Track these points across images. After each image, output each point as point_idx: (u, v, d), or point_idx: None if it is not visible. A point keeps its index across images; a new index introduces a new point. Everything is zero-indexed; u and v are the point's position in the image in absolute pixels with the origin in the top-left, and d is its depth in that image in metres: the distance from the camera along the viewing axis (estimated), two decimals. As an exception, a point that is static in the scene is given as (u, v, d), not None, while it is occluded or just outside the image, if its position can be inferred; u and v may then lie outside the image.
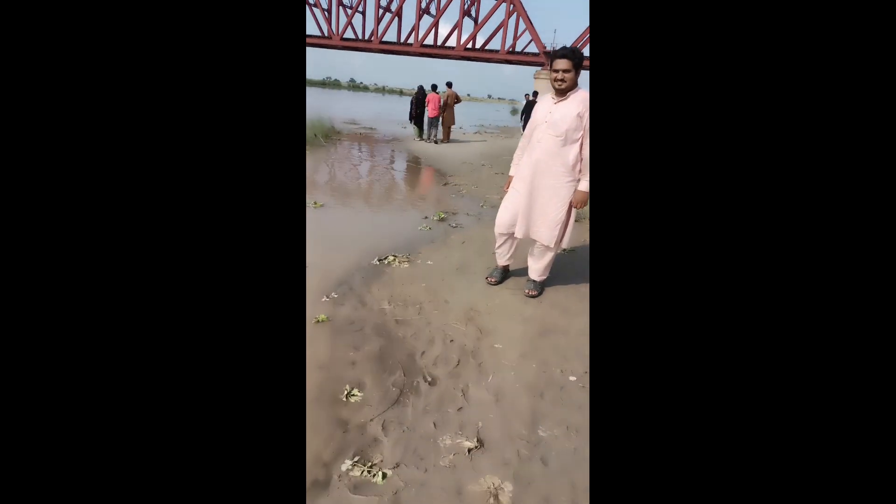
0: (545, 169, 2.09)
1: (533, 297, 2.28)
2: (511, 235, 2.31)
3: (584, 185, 2.08)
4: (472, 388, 1.57)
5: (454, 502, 1.12)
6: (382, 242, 3.05)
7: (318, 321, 1.93)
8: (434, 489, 1.16)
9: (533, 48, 36.15)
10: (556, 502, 1.13)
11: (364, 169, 6.12)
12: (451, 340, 1.87)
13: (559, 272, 2.60)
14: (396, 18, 37.15)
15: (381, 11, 36.04)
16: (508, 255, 2.42)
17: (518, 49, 36.65)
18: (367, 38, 36.78)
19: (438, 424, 1.39)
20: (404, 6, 36.69)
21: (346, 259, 2.66)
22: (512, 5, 35.13)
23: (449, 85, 9.55)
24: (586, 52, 3.48)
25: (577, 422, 1.42)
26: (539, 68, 36.19)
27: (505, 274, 2.50)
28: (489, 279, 2.45)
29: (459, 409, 1.47)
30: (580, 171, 2.07)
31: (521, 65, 37.38)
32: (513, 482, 1.19)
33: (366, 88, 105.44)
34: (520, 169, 2.23)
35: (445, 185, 5.35)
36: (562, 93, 2.03)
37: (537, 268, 2.30)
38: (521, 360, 1.76)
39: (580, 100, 2.00)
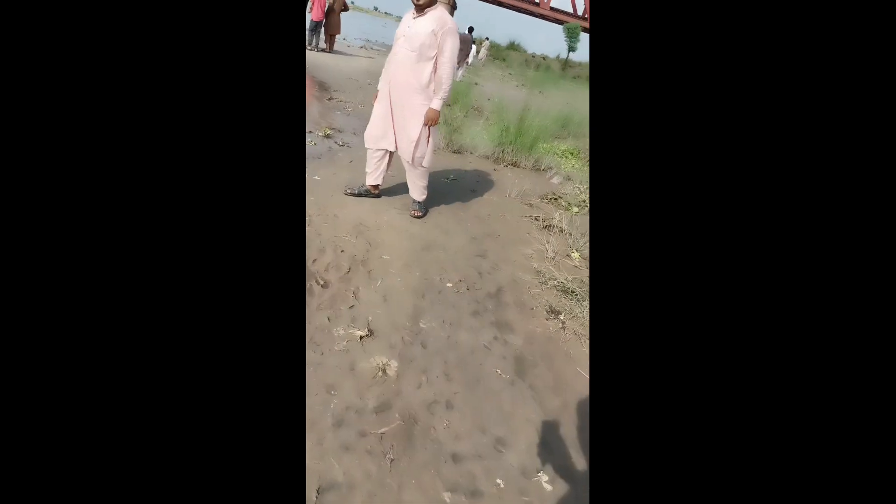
0: (401, 83, 2.18)
1: (418, 217, 2.46)
2: (383, 151, 2.38)
3: (436, 104, 2.19)
4: (362, 291, 1.74)
5: (348, 377, 1.32)
6: (264, 152, 2.88)
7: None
8: (330, 367, 1.34)
9: (427, -36, 33.74)
10: (432, 373, 1.41)
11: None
12: (342, 251, 1.98)
13: (442, 197, 2.83)
14: None
15: None
16: (377, 174, 2.45)
17: (411, -39, 33.85)
18: None
19: (332, 319, 1.54)
20: None
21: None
22: None
23: (336, -14, 8.62)
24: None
25: (451, 317, 1.71)
26: (432, -12, 34.19)
27: (367, 193, 2.53)
28: (347, 189, 2.51)
29: (351, 306, 1.63)
30: (434, 90, 2.18)
31: (413, -20, 34.82)
32: (398, 360, 1.43)
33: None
34: (382, 82, 2.29)
35: (330, 99, 5.07)
36: (420, 9, 2.10)
37: (416, 187, 2.44)
38: (405, 268, 1.97)
39: (436, 17, 2.09)
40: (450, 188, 3.09)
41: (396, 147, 2.34)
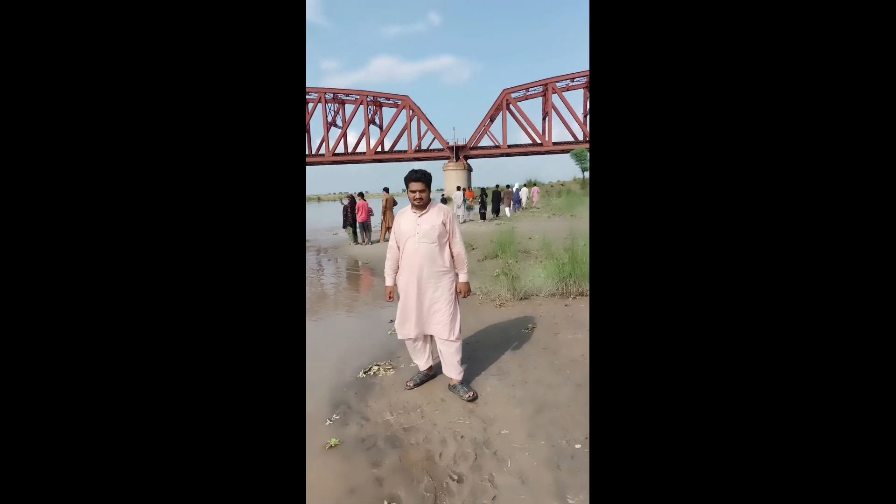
0: (427, 273, 2.40)
1: (471, 400, 2.33)
2: (420, 338, 2.51)
3: (463, 276, 2.44)
4: (497, 477, 1.71)
5: (523, 586, 1.24)
6: (360, 353, 3.15)
7: (331, 446, 1.98)
8: (501, 579, 1.27)
9: (437, 144, 39.90)
10: (606, 560, 1.30)
11: (315, 279, 6.20)
12: (462, 436, 2.01)
13: (530, 349, 2.88)
14: (305, 133, 39.34)
15: (290, 128, 38.05)
16: (426, 357, 2.57)
17: (424, 147, 40.19)
18: (279, 153, 38.70)
19: (481, 518, 1.51)
20: (311, 121, 39.24)
21: (332, 377, 2.73)
22: (412, 110, 39.10)
23: (386, 190, 10.24)
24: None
25: (596, 484, 1.62)
26: (446, 161, 39.72)
27: (426, 377, 2.61)
28: (408, 383, 2.55)
29: (493, 497, 1.60)
30: (458, 266, 2.44)
31: (429, 160, 40.76)
32: (565, 553, 1.33)
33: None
34: (402, 277, 2.47)
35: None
36: (421, 207, 2.42)
37: (453, 364, 2.42)
38: (529, 439, 1.94)
39: (438, 209, 2.43)
40: (533, 337, 3.16)
41: (424, 330, 2.47)
